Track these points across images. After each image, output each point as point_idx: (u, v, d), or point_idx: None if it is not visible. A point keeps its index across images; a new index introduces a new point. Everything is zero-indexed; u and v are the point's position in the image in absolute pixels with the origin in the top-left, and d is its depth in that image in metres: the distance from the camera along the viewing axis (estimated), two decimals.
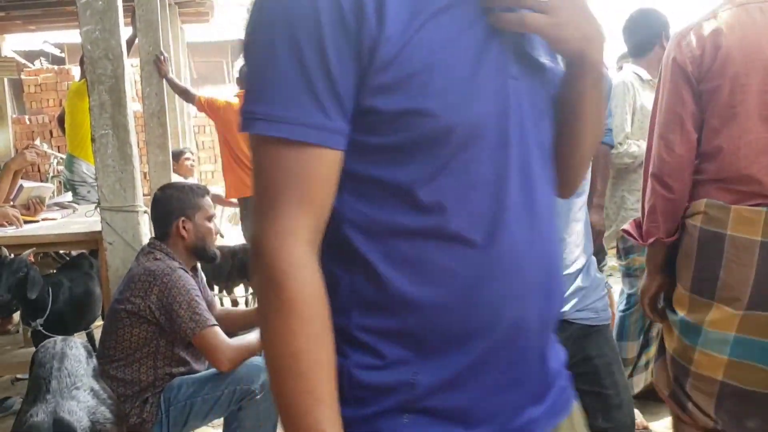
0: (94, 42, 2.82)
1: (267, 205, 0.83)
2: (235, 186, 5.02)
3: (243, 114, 0.85)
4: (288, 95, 0.81)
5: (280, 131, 0.81)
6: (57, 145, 10.11)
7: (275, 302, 0.81)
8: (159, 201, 2.64)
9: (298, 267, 0.81)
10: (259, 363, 2.53)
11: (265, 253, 0.81)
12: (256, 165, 0.85)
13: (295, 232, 0.81)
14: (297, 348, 0.80)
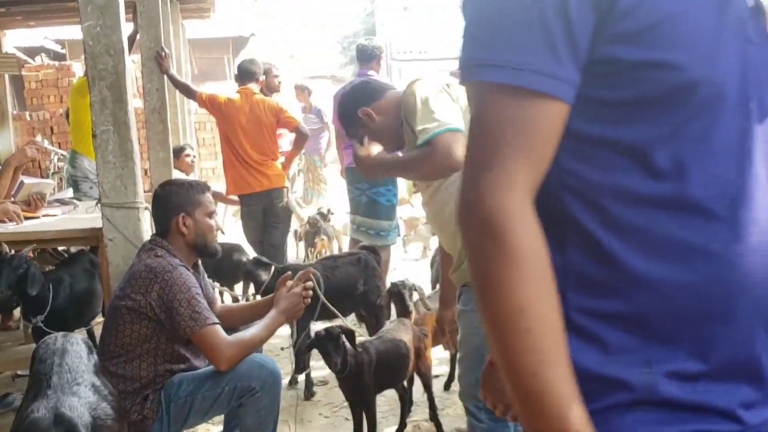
0: (95, 38, 2.82)
1: (487, 155, 0.78)
2: (236, 183, 5.01)
3: (465, 62, 0.81)
4: (520, 40, 0.76)
5: (511, 78, 0.76)
6: (58, 141, 10.12)
7: (496, 254, 0.76)
8: (159, 197, 2.64)
9: (521, 218, 0.77)
10: (260, 360, 2.53)
11: (484, 203, 0.77)
12: (476, 115, 0.81)
13: (516, 184, 0.77)
14: (521, 301, 0.75)
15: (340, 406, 3.61)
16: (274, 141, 5.05)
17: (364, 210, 4.99)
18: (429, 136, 2.12)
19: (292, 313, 2.58)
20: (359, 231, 5.04)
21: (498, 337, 0.77)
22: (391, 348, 3.00)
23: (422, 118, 2.17)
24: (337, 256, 4.20)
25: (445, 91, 2.24)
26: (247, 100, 4.92)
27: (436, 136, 2.12)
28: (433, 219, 2.47)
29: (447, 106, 2.18)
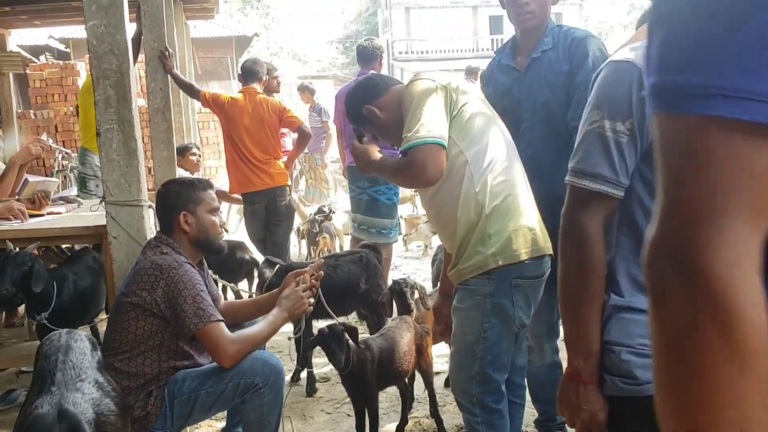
0: (100, 37, 2.83)
1: (706, 212, 0.60)
2: (239, 181, 5.03)
3: (672, 87, 0.62)
4: (760, 62, 0.58)
5: (752, 113, 0.58)
6: (62, 140, 10.15)
7: (723, 350, 0.58)
8: (162, 196, 2.67)
9: (755, 305, 0.59)
10: (263, 356, 2.55)
11: (709, 279, 0.59)
12: (683, 158, 0.62)
13: (746, 254, 0.60)
14: (746, 414, 0.58)
15: (342, 403, 3.63)
16: (276, 140, 5.08)
17: (365, 208, 5.01)
18: (408, 144, 2.16)
19: (295, 312, 2.59)
20: (360, 229, 5.06)
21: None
22: (393, 345, 3.02)
23: (410, 122, 2.21)
24: (339, 254, 4.22)
25: (441, 94, 2.24)
26: (251, 99, 4.94)
27: (415, 147, 2.15)
28: (433, 219, 2.49)
29: (437, 113, 2.20)
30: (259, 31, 31.90)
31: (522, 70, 2.68)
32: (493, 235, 2.17)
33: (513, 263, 2.17)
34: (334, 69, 32.01)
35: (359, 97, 2.47)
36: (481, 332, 2.23)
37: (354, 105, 2.47)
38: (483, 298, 2.21)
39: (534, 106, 2.62)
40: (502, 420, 2.33)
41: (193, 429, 3.33)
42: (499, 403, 2.32)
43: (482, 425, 2.29)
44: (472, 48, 32.70)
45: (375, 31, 37.22)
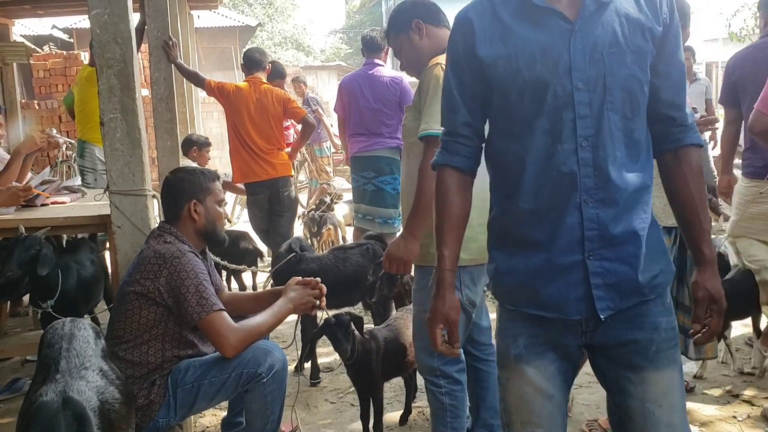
0: (103, 26, 2.82)
1: None
2: (242, 171, 5.03)
3: None
4: None
5: None
6: (66, 130, 10.16)
7: None
8: (170, 184, 2.66)
9: None
10: (266, 346, 2.55)
11: None
12: None
13: None
14: None
15: (346, 392, 3.64)
16: (280, 130, 5.07)
17: (370, 198, 5.01)
18: (429, 132, 2.23)
19: (300, 304, 2.59)
20: (365, 219, 5.06)
21: None
22: (398, 336, 3.03)
23: (431, 108, 2.28)
24: (347, 247, 4.22)
25: None
26: (255, 88, 4.93)
27: (435, 137, 2.21)
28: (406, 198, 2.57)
29: None
30: (263, 21, 31.80)
31: (574, 21, 1.53)
32: None
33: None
34: (338, 59, 31.91)
35: (418, 10, 2.53)
36: None
37: (408, 12, 2.53)
38: None
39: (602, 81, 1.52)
40: (462, 393, 2.57)
41: (197, 418, 3.34)
42: (462, 374, 2.56)
43: (445, 395, 2.52)
44: None
45: (379, 21, 37.03)
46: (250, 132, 4.91)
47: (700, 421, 3.11)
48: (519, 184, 1.57)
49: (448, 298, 1.62)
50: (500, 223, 1.65)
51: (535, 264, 1.56)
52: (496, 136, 1.63)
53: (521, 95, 1.52)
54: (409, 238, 2.40)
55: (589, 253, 1.51)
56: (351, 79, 5.16)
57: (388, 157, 4.99)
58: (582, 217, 1.50)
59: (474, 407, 2.81)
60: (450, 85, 1.64)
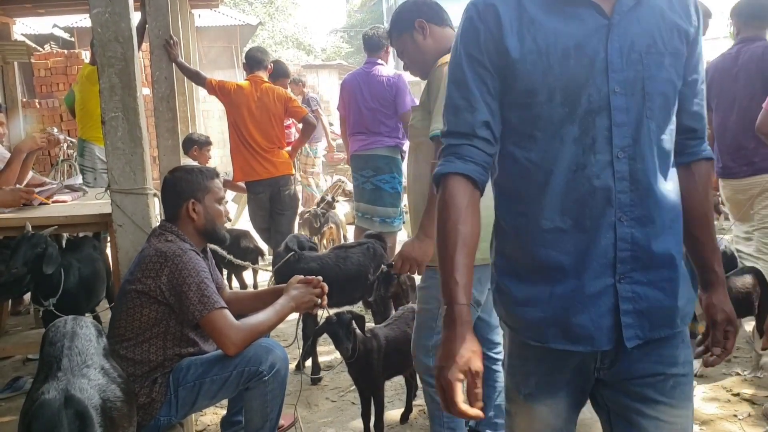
0: (104, 25, 2.83)
1: None
2: (243, 169, 5.04)
3: None
4: None
5: None
6: (67, 129, 10.16)
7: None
8: (169, 183, 2.66)
9: None
10: (268, 344, 2.55)
11: None
12: None
13: None
14: None
15: (347, 391, 3.65)
16: (281, 129, 5.07)
17: (368, 197, 5.02)
18: (438, 132, 2.23)
19: (302, 302, 2.59)
20: (364, 218, 5.07)
21: None
22: (399, 335, 3.03)
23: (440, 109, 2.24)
24: (348, 246, 4.23)
25: None
26: (257, 87, 4.94)
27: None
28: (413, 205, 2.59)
29: None
30: (264, 20, 31.78)
31: (611, 16, 1.36)
32: None
33: None
34: (339, 58, 31.90)
35: (421, 10, 2.51)
36: (439, 308, 2.40)
37: (411, 12, 2.51)
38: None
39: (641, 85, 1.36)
40: None
41: (198, 416, 3.35)
42: None
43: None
44: None
45: (380, 20, 36.99)
46: (251, 130, 4.91)
47: (700, 419, 3.12)
48: (540, 199, 1.36)
49: (468, 341, 1.30)
50: (513, 246, 1.44)
51: (561, 292, 1.36)
52: (510, 142, 1.41)
53: (551, 96, 1.32)
54: (425, 239, 2.38)
55: (620, 276, 1.34)
56: (351, 78, 5.17)
57: (387, 156, 5.01)
58: (616, 237, 1.33)
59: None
60: (465, 79, 1.40)
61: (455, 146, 1.41)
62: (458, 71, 1.41)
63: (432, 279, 2.46)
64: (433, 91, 2.38)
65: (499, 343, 2.82)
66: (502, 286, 1.47)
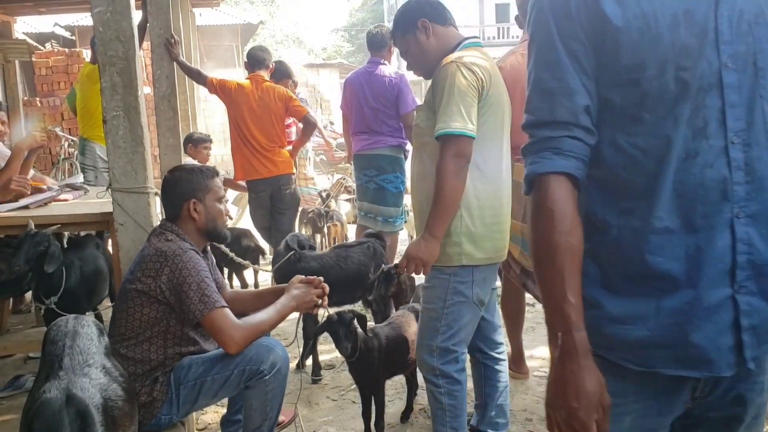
0: (106, 24, 2.83)
1: None
2: (244, 168, 5.03)
3: None
4: None
5: None
6: (68, 127, 10.17)
7: None
8: (169, 182, 2.66)
9: None
10: (268, 343, 2.55)
11: None
12: None
13: None
14: None
15: (347, 390, 3.65)
16: (282, 128, 5.07)
17: (372, 196, 5.03)
18: (447, 131, 2.26)
19: (303, 302, 2.59)
20: (367, 217, 5.07)
21: None
22: (400, 334, 3.03)
23: (449, 107, 2.32)
24: (348, 245, 4.23)
25: (476, 89, 2.34)
26: (257, 86, 4.94)
27: (453, 136, 2.29)
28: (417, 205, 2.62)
29: (472, 109, 2.32)
30: (265, 18, 31.78)
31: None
32: (463, 235, 2.42)
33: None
34: (340, 57, 31.89)
35: (424, 10, 2.53)
36: (444, 308, 2.50)
37: (413, 12, 2.53)
38: (446, 278, 2.47)
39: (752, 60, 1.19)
40: (462, 393, 2.59)
41: (199, 415, 3.35)
42: (461, 374, 2.58)
43: (444, 395, 2.55)
44: (478, 36, 32.55)
45: (381, 19, 36.96)
46: (252, 129, 4.91)
47: None
48: (652, 193, 1.16)
49: (594, 372, 1.14)
50: (611, 250, 1.22)
51: (672, 307, 1.16)
52: (610, 128, 1.20)
53: (662, 70, 1.13)
54: (431, 240, 2.38)
55: (739, 285, 1.15)
56: (354, 77, 5.17)
57: (391, 155, 5.00)
58: (734, 238, 1.14)
59: (482, 404, 2.82)
60: (558, 57, 1.19)
61: (552, 139, 1.20)
62: (548, 49, 1.20)
63: (437, 279, 2.48)
64: (438, 90, 2.38)
65: (502, 343, 2.85)
66: (592, 300, 1.22)
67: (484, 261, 2.49)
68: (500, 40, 31.56)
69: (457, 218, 2.41)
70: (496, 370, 2.79)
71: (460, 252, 2.44)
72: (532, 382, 3.65)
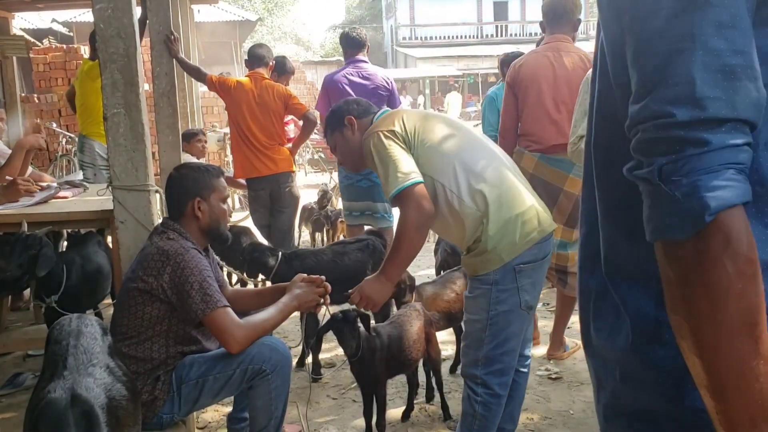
0: (107, 20, 2.81)
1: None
2: (243, 166, 5.02)
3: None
4: None
5: None
6: (66, 124, 10.14)
7: None
8: (174, 180, 2.64)
9: None
10: (271, 343, 2.55)
11: None
12: None
13: None
14: None
15: (348, 388, 3.65)
16: (281, 126, 5.06)
17: (365, 194, 5.02)
18: (394, 192, 2.33)
19: (305, 301, 2.58)
20: (363, 216, 5.03)
21: None
22: (402, 333, 3.03)
23: (385, 175, 2.38)
24: (347, 242, 4.23)
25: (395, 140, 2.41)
26: (257, 84, 4.92)
27: (400, 193, 2.32)
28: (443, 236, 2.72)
29: (401, 158, 2.37)
30: (263, 15, 31.72)
31: None
32: (494, 236, 2.36)
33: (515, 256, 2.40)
34: (338, 54, 31.87)
35: (350, 108, 2.68)
36: (488, 319, 2.43)
37: (341, 111, 2.68)
38: (489, 287, 2.41)
39: None
40: (498, 407, 2.51)
41: (200, 413, 3.34)
42: (504, 388, 2.50)
43: (479, 404, 2.48)
44: (476, 34, 32.54)
45: (378, 16, 36.94)
46: (251, 127, 4.90)
47: None
48: None
49: None
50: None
51: None
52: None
53: None
54: (386, 283, 2.47)
55: None
56: (339, 77, 5.00)
57: None
58: None
59: None
60: (737, 6, 0.74)
61: (735, 149, 0.73)
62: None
63: (479, 289, 2.44)
64: (372, 164, 2.46)
65: (529, 357, 2.81)
66: None
67: (526, 244, 2.39)
68: (498, 38, 31.58)
69: (481, 225, 2.37)
70: (517, 383, 2.72)
71: (500, 251, 2.37)
72: (533, 381, 3.65)
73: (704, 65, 0.73)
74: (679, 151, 0.74)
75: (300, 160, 9.28)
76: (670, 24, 0.75)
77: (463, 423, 2.57)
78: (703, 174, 0.73)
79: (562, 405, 3.36)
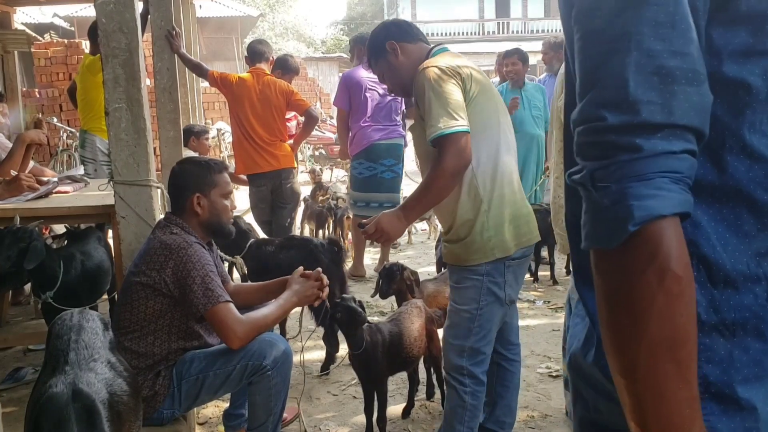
0: (109, 15, 2.80)
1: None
2: (245, 162, 5.02)
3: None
4: None
5: None
6: (66, 118, 10.14)
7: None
8: (176, 175, 2.64)
9: None
10: (271, 339, 2.54)
11: None
12: None
13: None
14: None
15: (348, 385, 3.64)
16: (283, 122, 5.06)
17: (388, 186, 5.56)
18: (440, 133, 2.25)
19: (304, 296, 2.59)
20: (382, 208, 5.04)
21: None
22: (403, 330, 3.02)
23: (434, 110, 2.28)
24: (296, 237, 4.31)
25: (457, 82, 2.31)
26: (258, 80, 4.92)
27: (447, 136, 2.25)
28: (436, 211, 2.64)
29: (458, 102, 2.28)
30: (264, 11, 31.68)
31: None
32: (491, 229, 2.40)
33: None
34: (339, 51, 31.82)
35: (389, 31, 2.57)
36: (478, 309, 2.49)
37: (380, 36, 2.57)
38: (481, 278, 2.45)
39: None
40: (483, 394, 2.61)
41: (200, 409, 3.34)
42: (485, 375, 2.59)
43: (468, 395, 2.55)
44: (478, 31, 32.48)
45: (380, 13, 36.86)
46: (253, 123, 4.90)
47: None
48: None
49: None
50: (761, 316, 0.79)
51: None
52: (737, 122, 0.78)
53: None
54: (404, 221, 2.43)
55: None
56: (358, 74, 5.25)
57: (402, 145, 5.44)
58: None
59: (490, 402, 2.80)
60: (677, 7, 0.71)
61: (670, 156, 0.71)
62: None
63: (470, 280, 2.47)
64: (420, 98, 2.35)
65: (518, 344, 2.85)
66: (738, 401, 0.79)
67: (515, 247, 2.45)
68: (500, 35, 31.50)
69: (482, 213, 2.39)
70: (510, 371, 2.78)
71: (492, 246, 2.41)
72: (534, 378, 3.65)
73: (638, 67, 0.71)
74: (611, 156, 0.71)
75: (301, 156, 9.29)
76: (610, 23, 0.72)
77: (453, 416, 2.59)
78: (634, 181, 0.70)
79: (563, 402, 3.35)
